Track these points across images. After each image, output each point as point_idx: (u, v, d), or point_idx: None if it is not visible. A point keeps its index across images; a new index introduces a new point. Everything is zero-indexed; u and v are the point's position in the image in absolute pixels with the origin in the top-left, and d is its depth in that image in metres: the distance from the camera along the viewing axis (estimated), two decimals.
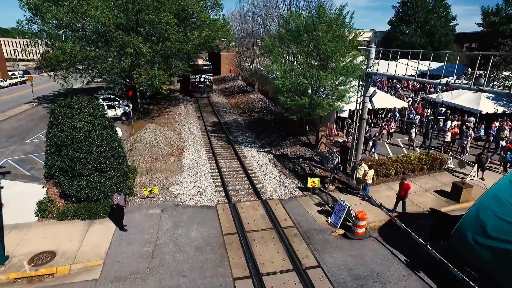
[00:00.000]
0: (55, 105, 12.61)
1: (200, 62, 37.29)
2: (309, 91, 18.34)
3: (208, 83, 37.16)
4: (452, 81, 10.20)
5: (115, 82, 26.44)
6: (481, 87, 9.33)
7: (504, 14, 34.87)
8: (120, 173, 13.34)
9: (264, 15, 32.85)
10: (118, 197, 11.53)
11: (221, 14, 34.19)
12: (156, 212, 13.17)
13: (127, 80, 26.52)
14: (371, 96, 14.49)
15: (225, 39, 33.67)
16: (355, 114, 15.26)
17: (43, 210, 12.42)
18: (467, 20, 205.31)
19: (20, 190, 14.49)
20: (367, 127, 19.16)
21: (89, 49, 24.94)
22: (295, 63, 19.26)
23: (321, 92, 18.87)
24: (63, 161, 12.10)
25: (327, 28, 17.37)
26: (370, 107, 15.66)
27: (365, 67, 14.43)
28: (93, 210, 12.52)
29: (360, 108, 14.66)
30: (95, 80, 28.46)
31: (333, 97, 18.60)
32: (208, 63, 38.25)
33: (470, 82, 9.69)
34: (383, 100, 22.49)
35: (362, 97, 14.45)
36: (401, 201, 12.98)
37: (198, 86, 36.62)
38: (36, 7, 23.15)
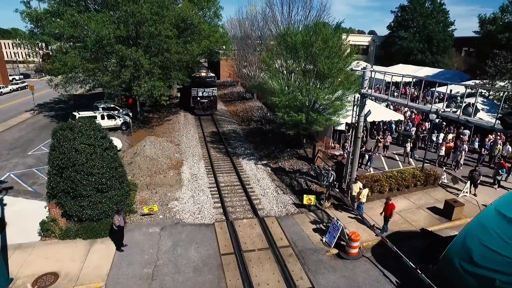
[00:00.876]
0: (57, 128, 12.94)
1: (203, 73, 32.80)
2: (306, 103, 18.68)
3: (212, 98, 32.52)
4: (442, 110, 10.55)
5: (115, 92, 26.72)
6: (469, 118, 9.68)
7: (501, 23, 35.19)
8: (120, 192, 13.70)
9: (262, 26, 33.16)
10: (119, 218, 11.90)
11: (220, 23, 34.39)
12: (155, 230, 13.53)
13: (127, 92, 26.84)
14: (366, 115, 14.86)
15: (224, 49, 33.81)
16: (351, 129, 15.61)
17: (46, 230, 12.78)
18: (467, 21, 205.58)
19: (23, 207, 14.87)
20: (362, 143, 19.61)
21: (89, 58, 25.27)
22: (292, 78, 19.60)
23: (317, 105, 19.20)
24: (65, 182, 12.47)
25: (324, 45, 17.72)
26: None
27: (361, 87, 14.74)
28: (94, 229, 12.89)
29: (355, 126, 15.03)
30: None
31: (330, 110, 18.93)
32: (212, 74, 33.60)
33: (459, 112, 10.05)
34: (379, 112, 22.80)
35: (357, 116, 14.80)
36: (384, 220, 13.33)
37: (200, 102, 31.91)
38: (38, 19, 23.47)
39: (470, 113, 10.05)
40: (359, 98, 14.48)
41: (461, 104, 10.56)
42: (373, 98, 17.31)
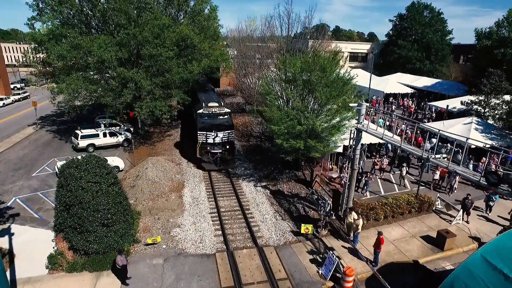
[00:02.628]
0: (63, 165, 13.44)
1: (215, 107, 22.72)
2: (305, 127, 19.17)
3: (228, 145, 22.05)
4: (433, 156, 11.09)
5: (115, 110, 27.19)
6: (457, 168, 10.21)
7: (496, 38, 35.68)
8: (125, 225, 14.23)
9: (257, 48, 33.60)
10: (122, 258, 12.39)
11: (220, 39, 34.67)
12: (159, 262, 14.04)
13: (128, 109, 27.34)
14: (362, 148, 15.39)
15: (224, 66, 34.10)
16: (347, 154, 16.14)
17: (54, 263, 13.27)
18: (466, 21, 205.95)
19: (30, 237, 15.48)
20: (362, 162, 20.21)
21: (91, 79, 25.75)
22: (290, 103, 20.09)
23: (316, 131, 19.69)
24: (72, 219, 12.99)
25: (321, 74, 18.25)
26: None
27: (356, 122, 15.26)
28: (100, 262, 13.40)
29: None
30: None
31: (326, 133, 19.40)
32: (227, 110, 23.33)
33: (448, 161, 10.57)
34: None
35: (353, 149, 15.33)
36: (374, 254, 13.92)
37: (211, 153, 21.66)
38: (41, 42, 23.96)
39: (459, 161, 10.58)
40: (355, 132, 15.01)
41: (452, 147, 11.06)
42: (374, 108, 17.86)
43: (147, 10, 24.83)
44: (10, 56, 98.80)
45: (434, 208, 18.11)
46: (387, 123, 29.89)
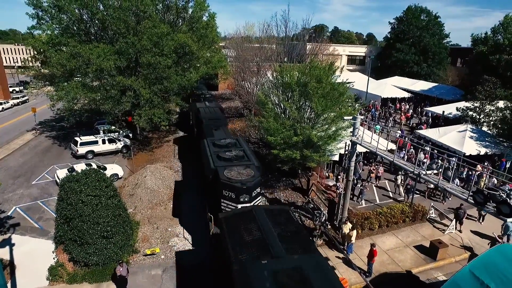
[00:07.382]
0: (64, 179, 13.71)
1: None
2: (301, 137, 19.45)
3: None
4: (424, 172, 11.40)
5: (114, 116, 27.46)
6: (446, 185, 10.52)
7: (492, 43, 36.05)
8: (124, 236, 14.51)
9: (256, 52, 33.85)
10: (121, 269, 12.67)
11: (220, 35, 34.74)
12: (158, 273, 14.33)
13: (126, 115, 27.58)
14: (357, 160, 15.69)
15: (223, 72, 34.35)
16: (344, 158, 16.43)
17: (54, 275, 13.54)
18: (465, 21, 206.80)
19: (30, 248, 15.75)
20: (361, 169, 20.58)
21: (91, 86, 25.97)
22: (287, 113, 20.35)
23: (312, 138, 19.95)
24: (73, 231, 13.26)
25: (318, 85, 18.52)
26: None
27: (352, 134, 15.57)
28: (100, 274, 13.69)
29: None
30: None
31: (322, 143, 19.68)
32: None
33: (439, 177, 10.88)
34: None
35: (348, 161, 15.64)
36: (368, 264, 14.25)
37: None
38: (41, 51, 24.18)
39: (449, 177, 10.89)
40: (350, 145, 15.31)
41: (443, 163, 11.38)
42: (371, 112, 18.12)
43: (145, 18, 25.05)
44: (9, 57, 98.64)
45: (428, 217, 18.45)
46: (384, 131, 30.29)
